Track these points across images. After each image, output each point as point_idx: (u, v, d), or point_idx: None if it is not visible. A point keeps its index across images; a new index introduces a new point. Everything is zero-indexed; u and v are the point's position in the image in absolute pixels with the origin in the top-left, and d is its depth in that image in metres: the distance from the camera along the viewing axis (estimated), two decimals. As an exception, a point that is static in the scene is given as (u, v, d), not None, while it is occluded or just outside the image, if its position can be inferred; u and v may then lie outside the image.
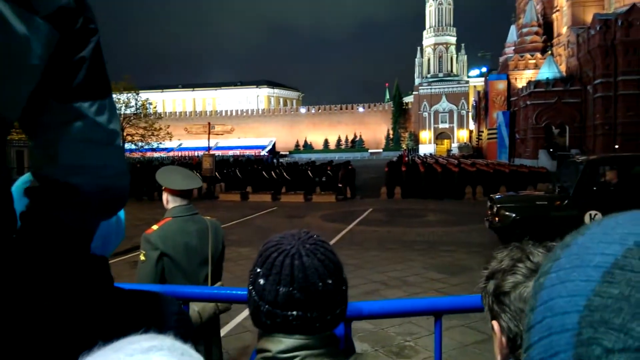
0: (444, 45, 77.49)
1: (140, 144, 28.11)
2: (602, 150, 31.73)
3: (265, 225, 12.48)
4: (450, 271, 7.19)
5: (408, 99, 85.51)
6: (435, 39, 77.52)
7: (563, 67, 41.82)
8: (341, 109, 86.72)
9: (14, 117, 0.59)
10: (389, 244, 9.56)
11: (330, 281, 0.83)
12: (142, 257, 2.31)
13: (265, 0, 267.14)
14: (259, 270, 0.85)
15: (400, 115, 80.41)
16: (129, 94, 27.78)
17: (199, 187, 2.53)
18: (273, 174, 21.63)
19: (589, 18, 38.14)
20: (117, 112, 0.73)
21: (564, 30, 44.25)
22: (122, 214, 0.97)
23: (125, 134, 27.13)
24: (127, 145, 27.99)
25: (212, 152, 27.16)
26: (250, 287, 0.86)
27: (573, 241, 0.36)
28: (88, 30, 0.63)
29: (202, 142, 53.01)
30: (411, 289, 6.35)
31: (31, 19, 0.54)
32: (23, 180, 0.80)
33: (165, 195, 2.46)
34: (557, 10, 47.03)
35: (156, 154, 38.17)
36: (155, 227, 2.35)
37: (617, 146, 31.24)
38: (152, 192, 19.07)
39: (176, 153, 63.68)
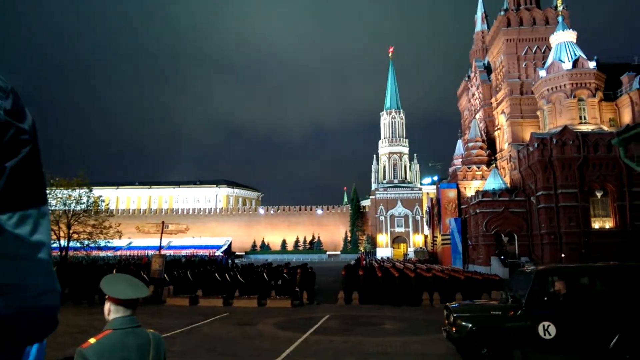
0: (398, 155, 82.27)
1: (86, 242, 26.77)
2: (550, 258, 32.98)
3: (213, 334, 11.67)
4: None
5: (365, 203, 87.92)
6: (390, 149, 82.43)
7: (507, 179, 44.87)
8: (300, 210, 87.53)
9: None
10: (345, 356, 9.09)
11: None
12: (73, 375, 2.06)
13: (220, 105, 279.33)
14: None
15: (358, 217, 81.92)
16: (82, 190, 27.08)
17: (144, 296, 2.37)
18: (227, 276, 20.81)
19: (526, 136, 42.03)
20: (50, 221, 0.64)
21: (506, 146, 48.32)
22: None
23: (71, 231, 25.89)
24: (72, 244, 26.54)
25: (163, 251, 26.14)
26: None
27: None
28: (18, 141, 0.59)
29: (154, 240, 51.25)
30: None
31: None
32: None
33: (107, 305, 2.28)
34: (499, 128, 51.75)
35: (102, 253, 36.31)
36: (92, 340, 2.15)
37: (563, 255, 32.58)
38: (93, 295, 17.76)
39: (124, 252, 60.87)
